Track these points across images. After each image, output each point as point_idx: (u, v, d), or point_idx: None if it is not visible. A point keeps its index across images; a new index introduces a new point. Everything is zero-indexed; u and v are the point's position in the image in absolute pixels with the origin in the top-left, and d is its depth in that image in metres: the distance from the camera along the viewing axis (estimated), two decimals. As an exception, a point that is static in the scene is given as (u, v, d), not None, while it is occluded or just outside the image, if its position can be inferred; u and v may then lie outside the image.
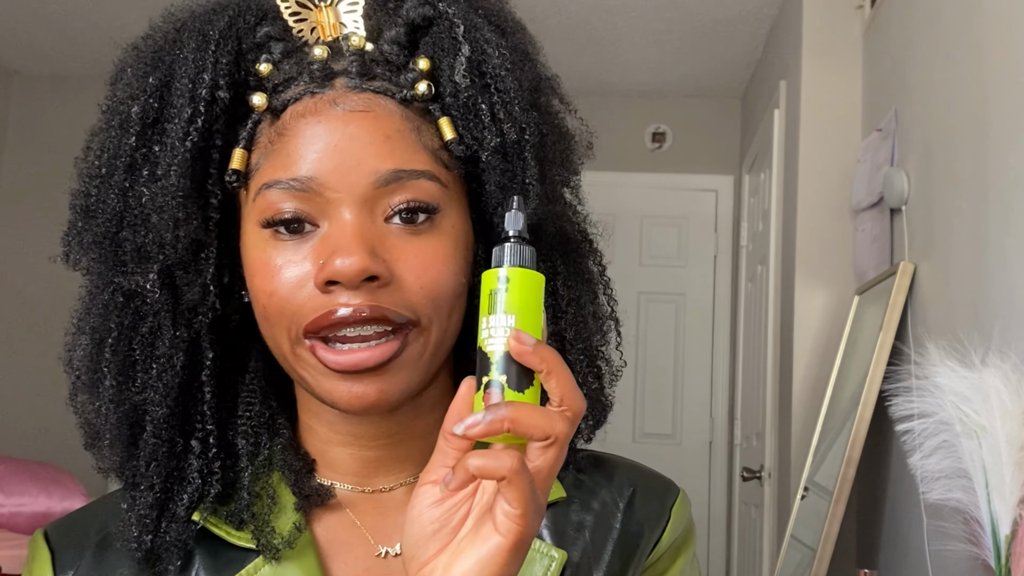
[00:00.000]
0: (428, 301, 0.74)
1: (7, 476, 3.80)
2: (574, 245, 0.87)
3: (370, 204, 0.73)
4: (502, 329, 0.63)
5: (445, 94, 0.78)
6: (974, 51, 2.34)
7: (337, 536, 0.81)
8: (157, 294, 0.76)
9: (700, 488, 5.02)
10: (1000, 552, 1.68)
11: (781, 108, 3.86)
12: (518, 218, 0.66)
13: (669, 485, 0.91)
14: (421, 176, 0.74)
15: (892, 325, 2.67)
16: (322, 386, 0.74)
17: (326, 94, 0.75)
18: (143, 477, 0.78)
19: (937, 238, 2.54)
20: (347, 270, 0.70)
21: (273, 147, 0.75)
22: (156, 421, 0.77)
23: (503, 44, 0.79)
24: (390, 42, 0.78)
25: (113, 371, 0.77)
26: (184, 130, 0.74)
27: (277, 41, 0.78)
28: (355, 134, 0.74)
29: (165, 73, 0.76)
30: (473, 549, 0.64)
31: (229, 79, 0.76)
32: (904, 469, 2.41)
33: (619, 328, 0.89)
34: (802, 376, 3.45)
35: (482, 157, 0.77)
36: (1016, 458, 1.66)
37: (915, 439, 1.87)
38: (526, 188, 0.78)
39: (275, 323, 0.75)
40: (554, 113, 0.84)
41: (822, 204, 3.46)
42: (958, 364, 1.79)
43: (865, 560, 3.02)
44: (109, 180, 0.77)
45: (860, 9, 3.49)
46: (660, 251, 5.12)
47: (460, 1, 0.79)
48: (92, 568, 0.80)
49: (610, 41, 4.58)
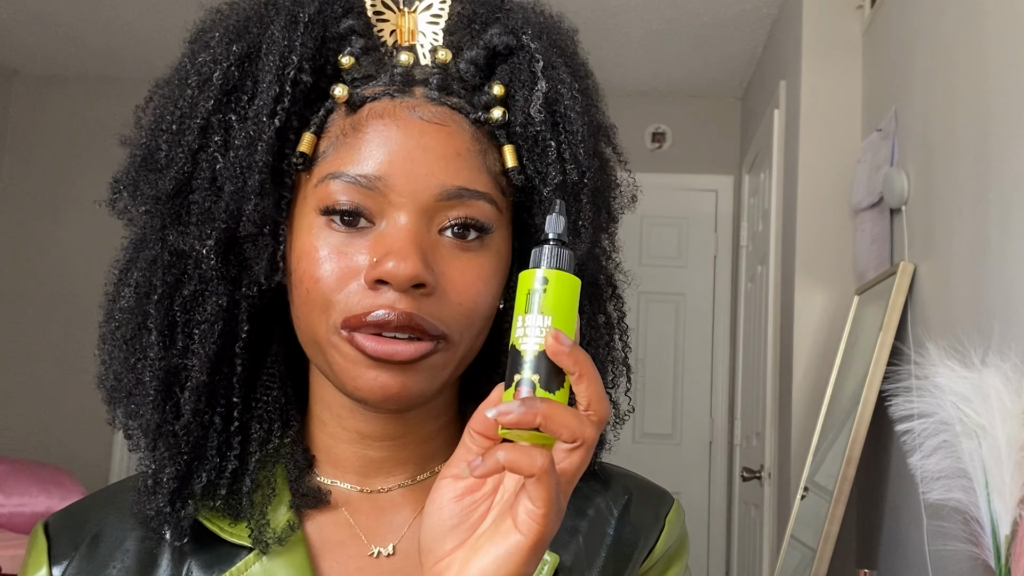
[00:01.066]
0: (463, 318, 0.76)
1: (7, 476, 3.80)
2: (600, 289, 0.88)
3: (429, 214, 0.75)
4: (537, 329, 0.64)
5: (515, 123, 0.79)
6: (975, 51, 2.34)
7: (330, 534, 0.82)
8: (213, 260, 0.77)
9: (700, 488, 5.02)
10: (1000, 552, 1.68)
11: (781, 108, 3.86)
12: (559, 222, 0.67)
13: (664, 494, 0.91)
14: (481, 198, 0.76)
15: (892, 325, 2.67)
16: (348, 373, 0.75)
17: (405, 100, 0.77)
18: (171, 444, 0.78)
19: (937, 238, 2.54)
20: (400, 273, 0.71)
21: (345, 139, 0.76)
22: (194, 388, 0.77)
23: (576, 87, 0.81)
24: (468, 62, 0.80)
25: (159, 327, 0.77)
26: (271, 108, 0.75)
27: (359, 36, 0.80)
28: (429, 145, 0.75)
29: (250, 45, 0.77)
30: (492, 546, 0.64)
31: (312, 64, 0.77)
32: (904, 469, 2.40)
33: (630, 375, 0.90)
34: (802, 376, 3.44)
35: (543, 192, 0.79)
36: (1016, 458, 1.66)
37: (915, 439, 1.87)
38: (578, 229, 0.80)
39: (315, 308, 0.75)
40: (606, 161, 0.86)
41: (822, 204, 3.46)
42: (958, 364, 1.79)
43: (865, 560, 3.02)
44: (179, 138, 0.76)
45: (860, 9, 3.49)
46: (660, 251, 5.12)
47: (542, 38, 0.81)
48: (85, 559, 0.80)
49: (610, 41, 4.58)
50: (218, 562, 0.78)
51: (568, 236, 0.67)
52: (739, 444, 4.71)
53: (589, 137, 0.81)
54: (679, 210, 5.17)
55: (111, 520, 0.81)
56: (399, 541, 0.82)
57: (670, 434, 5.07)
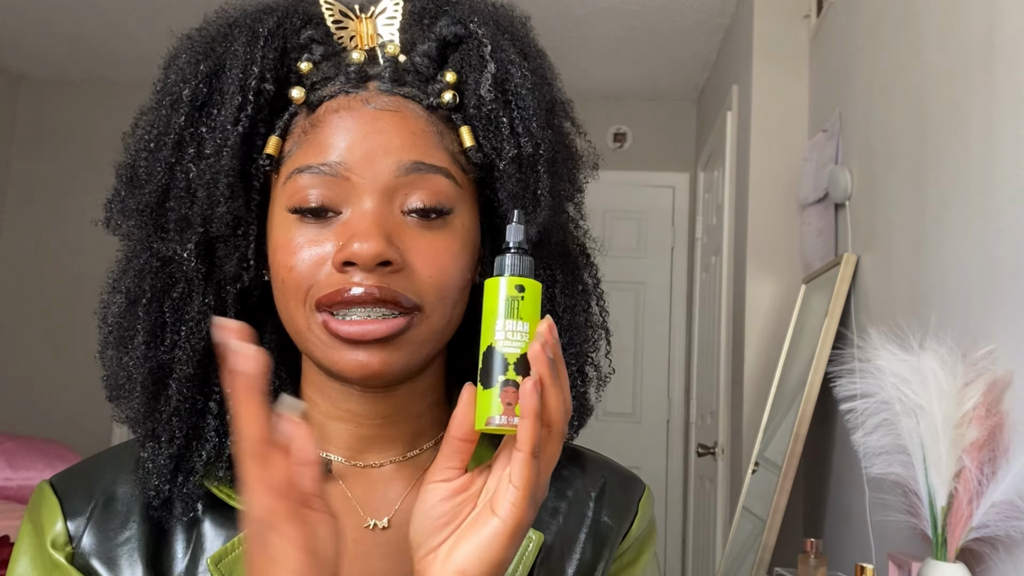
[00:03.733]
0: (434, 290, 0.75)
1: (15, 452, 3.78)
2: (573, 257, 0.88)
3: (390, 195, 0.75)
4: (519, 334, 0.65)
5: (468, 106, 0.79)
6: (913, 57, 2.34)
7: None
8: (193, 263, 0.77)
9: (658, 463, 5.03)
10: (937, 522, 1.69)
11: (733, 110, 3.86)
12: (519, 230, 0.67)
13: (636, 480, 0.91)
14: (439, 172, 0.76)
15: (836, 312, 2.68)
16: (329, 356, 0.75)
17: (359, 94, 0.77)
18: (164, 430, 0.78)
19: (878, 231, 2.54)
20: (364, 253, 0.71)
21: (306, 137, 0.76)
22: (180, 380, 0.78)
23: (525, 66, 0.80)
24: (422, 55, 0.80)
25: (145, 329, 0.78)
26: (235, 116, 0.76)
27: (318, 44, 0.80)
28: (383, 128, 0.75)
29: (216, 62, 0.78)
30: (474, 534, 0.64)
31: (274, 73, 0.78)
32: (847, 445, 2.41)
33: (609, 337, 0.90)
34: (753, 359, 3.45)
35: (499, 166, 0.79)
36: (951, 435, 1.66)
37: (858, 417, 1.87)
38: (537, 198, 0.79)
39: (291, 296, 0.75)
40: (565, 133, 0.86)
41: (771, 199, 3.47)
42: (898, 348, 1.79)
43: (811, 530, 3.03)
44: (157, 154, 0.77)
45: (807, 19, 3.49)
46: (621, 243, 5.12)
47: (489, 24, 0.81)
48: (101, 519, 0.78)
49: (575, 48, 4.57)
50: (226, 526, 0.78)
51: (528, 244, 0.68)
52: (694, 422, 4.73)
53: (541, 111, 0.80)
54: (639, 205, 5.17)
55: (123, 484, 0.81)
56: (393, 514, 0.82)
57: (631, 413, 5.07)
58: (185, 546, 0.78)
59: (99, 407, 3.98)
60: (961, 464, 1.66)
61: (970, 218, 1.93)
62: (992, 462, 1.65)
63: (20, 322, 5.23)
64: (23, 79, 5.44)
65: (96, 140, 5.13)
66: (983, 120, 1.89)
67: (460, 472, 0.68)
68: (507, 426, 0.64)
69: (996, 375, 1.71)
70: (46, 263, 5.26)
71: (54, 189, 5.29)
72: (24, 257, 5.29)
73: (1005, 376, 1.70)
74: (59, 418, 5.02)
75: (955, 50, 2.07)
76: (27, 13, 4.56)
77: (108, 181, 0.82)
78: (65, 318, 5.15)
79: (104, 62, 5.10)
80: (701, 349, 4.65)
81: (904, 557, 1.92)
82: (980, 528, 1.64)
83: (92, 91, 5.38)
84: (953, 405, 1.67)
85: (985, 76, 1.89)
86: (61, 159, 5.31)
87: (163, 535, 0.78)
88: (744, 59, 3.75)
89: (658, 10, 4.16)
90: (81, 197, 5.14)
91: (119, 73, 5.21)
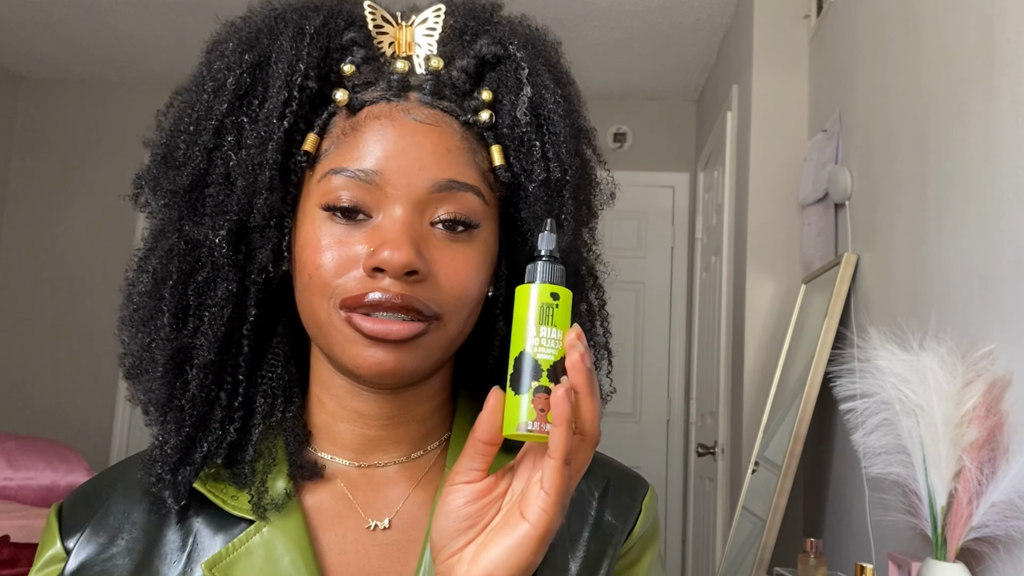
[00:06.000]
0: (454, 301, 0.77)
1: (16, 452, 3.79)
2: (582, 279, 0.89)
3: (421, 206, 0.76)
4: (554, 342, 0.65)
5: (502, 125, 0.81)
6: (913, 57, 2.34)
7: (329, 507, 0.82)
8: (224, 248, 0.78)
9: (658, 463, 5.02)
10: (936, 522, 1.69)
11: (733, 110, 3.86)
12: (551, 239, 0.68)
13: (639, 480, 0.92)
14: (470, 190, 0.78)
15: (836, 312, 2.68)
16: (348, 351, 0.76)
17: (401, 103, 0.79)
18: (178, 418, 0.79)
19: (878, 231, 2.54)
20: (395, 261, 0.72)
21: (345, 139, 0.77)
22: (199, 366, 0.79)
23: (559, 92, 0.83)
24: (460, 70, 0.81)
25: (171, 311, 0.79)
26: (280, 111, 0.77)
27: (360, 47, 0.81)
28: (422, 142, 0.77)
29: (261, 54, 0.79)
30: (503, 538, 0.65)
31: (317, 72, 0.79)
32: (847, 445, 2.41)
33: (611, 359, 0.91)
34: (753, 359, 3.45)
35: (527, 188, 0.81)
36: (951, 435, 1.66)
37: (858, 417, 1.87)
38: (561, 222, 0.81)
39: (317, 291, 0.76)
40: (587, 160, 0.88)
41: (771, 199, 3.47)
42: (898, 348, 1.79)
43: (811, 529, 3.03)
44: (196, 138, 0.78)
45: (807, 19, 3.49)
46: (621, 243, 5.11)
47: (528, 47, 0.83)
48: (94, 531, 0.80)
49: (575, 48, 4.56)
50: (221, 532, 0.79)
51: (558, 252, 0.69)
52: (694, 422, 4.72)
53: (571, 138, 0.82)
54: (639, 205, 5.17)
55: (119, 494, 0.82)
56: (395, 515, 0.82)
57: (631, 412, 5.07)
58: (180, 551, 0.78)
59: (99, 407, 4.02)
60: (961, 464, 1.66)
61: (970, 218, 1.93)
62: (992, 462, 1.65)
63: (20, 322, 5.23)
64: (23, 79, 5.44)
65: (96, 140, 5.16)
66: (983, 120, 1.89)
67: (483, 475, 0.68)
68: (539, 432, 0.64)
69: (996, 375, 1.71)
70: (46, 263, 5.26)
71: (54, 189, 5.29)
72: (24, 257, 5.29)
73: (1005, 376, 1.70)
74: (59, 418, 5.03)
75: (955, 50, 2.07)
76: (27, 13, 4.56)
77: (108, 181, 0.82)
78: (65, 318, 5.16)
79: (104, 62, 5.10)
80: (701, 349, 4.65)
81: (904, 557, 1.92)
82: (980, 528, 1.64)
83: (92, 91, 5.38)
84: (953, 405, 1.67)
85: (985, 76, 1.89)
86: (61, 159, 5.31)
87: (156, 542, 0.79)
88: (744, 59, 3.75)
89: (658, 10, 4.16)
90: (81, 197, 5.17)
91: (119, 73, 5.21)
